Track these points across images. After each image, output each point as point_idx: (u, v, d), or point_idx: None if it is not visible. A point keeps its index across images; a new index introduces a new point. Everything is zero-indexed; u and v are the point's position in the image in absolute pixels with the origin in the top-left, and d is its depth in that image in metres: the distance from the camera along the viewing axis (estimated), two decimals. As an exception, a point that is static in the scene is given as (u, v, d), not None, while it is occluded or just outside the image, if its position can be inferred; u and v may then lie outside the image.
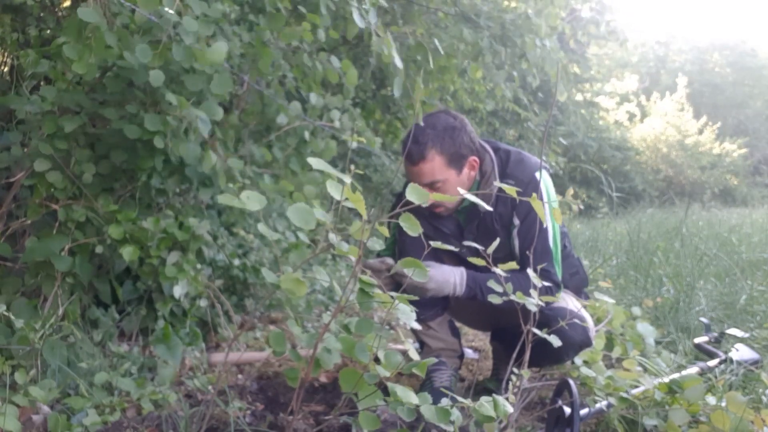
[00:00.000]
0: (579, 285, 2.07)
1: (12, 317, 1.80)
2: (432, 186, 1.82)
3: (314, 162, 1.20)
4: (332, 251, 1.24)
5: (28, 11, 2.64)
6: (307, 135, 3.20)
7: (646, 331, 2.27)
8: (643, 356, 2.13)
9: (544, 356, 1.77)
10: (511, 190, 1.33)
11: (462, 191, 1.29)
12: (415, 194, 1.21)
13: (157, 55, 1.95)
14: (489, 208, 1.48)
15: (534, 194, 1.38)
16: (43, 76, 2.42)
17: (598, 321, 2.25)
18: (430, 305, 1.96)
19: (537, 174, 1.83)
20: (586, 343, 1.85)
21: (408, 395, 1.24)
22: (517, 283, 1.64)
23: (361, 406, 1.29)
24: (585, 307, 2.00)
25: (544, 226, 1.83)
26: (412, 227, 1.20)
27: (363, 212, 1.20)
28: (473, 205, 1.88)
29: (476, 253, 1.50)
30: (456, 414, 1.26)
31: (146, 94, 2.18)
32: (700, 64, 23.16)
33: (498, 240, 1.56)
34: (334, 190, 1.17)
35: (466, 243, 1.56)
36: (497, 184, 1.44)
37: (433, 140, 1.78)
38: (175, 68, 2.06)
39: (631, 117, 16.32)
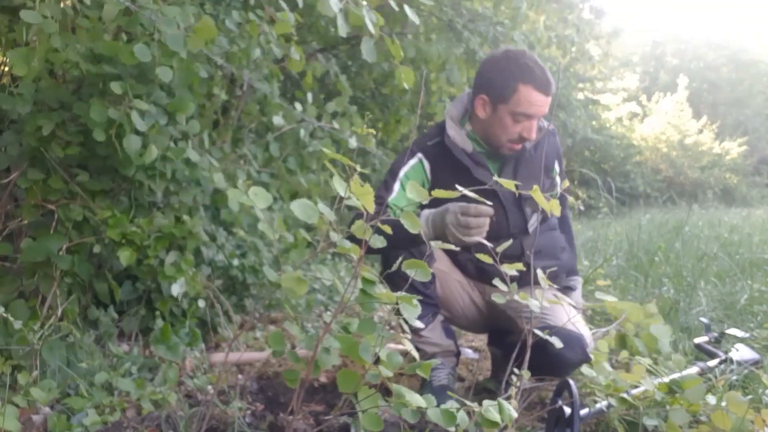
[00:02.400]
0: (570, 261, 2.06)
1: (10, 318, 1.80)
2: (539, 117, 1.86)
3: (327, 152, 1.19)
4: (333, 250, 1.23)
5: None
6: (303, 134, 3.20)
7: (660, 332, 2.23)
8: (655, 359, 2.11)
9: (540, 372, 1.79)
10: None
11: (460, 188, 1.27)
12: (415, 193, 1.21)
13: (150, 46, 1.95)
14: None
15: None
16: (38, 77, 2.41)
17: (616, 319, 2.24)
18: (421, 314, 1.93)
19: None
20: (584, 360, 1.84)
21: (413, 397, 1.23)
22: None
23: (360, 408, 1.28)
24: (584, 311, 2.00)
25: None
26: (413, 225, 1.19)
27: (370, 207, 1.19)
28: (514, 156, 1.92)
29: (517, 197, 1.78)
30: (463, 417, 1.25)
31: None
32: (698, 63, 23.16)
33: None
34: (339, 186, 1.17)
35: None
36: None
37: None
38: (148, 64, 2.05)
39: (634, 116, 16.31)
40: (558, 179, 2.04)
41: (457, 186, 1.24)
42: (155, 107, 2.13)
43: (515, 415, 1.27)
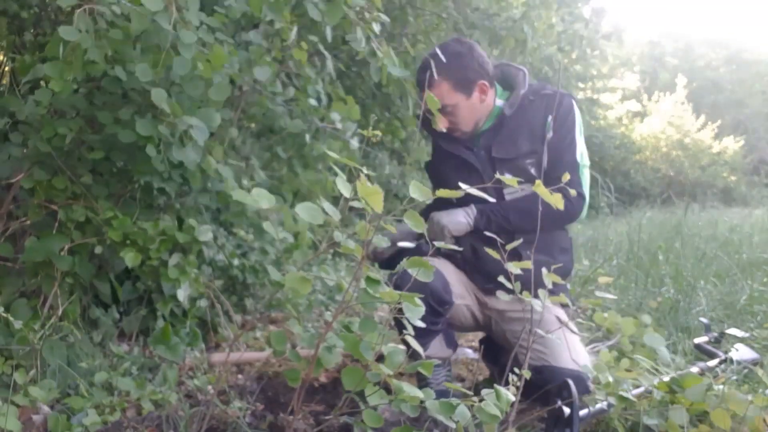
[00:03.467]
0: (567, 265, 1.99)
1: (11, 318, 1.80)
2: (443, 111, 1.88)
3: (331, 154, 1.20)
4: (336, 249, 1.24)
5: (24, 16, 2.65)
6: (308, 138, 3.19)
7: (655, 341, 2.20)
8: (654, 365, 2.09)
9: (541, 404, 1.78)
10: None
11: (464, 186, 1.26)
12: (418, 192, 1.21)
13: (159, 67, 1.96)
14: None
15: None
16: (41, 79, 2.41)
17: (608, 331, 2.22)
18: (423, 343, 1.80)
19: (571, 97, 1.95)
20: (586, 393, 1.81)
21: (414, 391, 1.23)
22: (528, 200, 1.84)
23: (369, 402, 1.28)
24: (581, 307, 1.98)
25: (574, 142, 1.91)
26: (417, 224, 1.20)
27: (379, 206, 1.19)
28: (495, 124, 1.93)
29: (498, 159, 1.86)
30: (464, 413, 1.25)
31: (142, 97, 2.17)
32: (698, 62, 23.16)
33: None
34: (343, 188, 1.17)
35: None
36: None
37: (438, 67, 1.85)
38: (174, 74, 2.06)
39: (635, 115, 16.31)
40: (545, 146, 1.91)
41: (460, 184, 1.26)
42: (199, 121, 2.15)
43: (512, 398, 1.27)
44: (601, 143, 13.39)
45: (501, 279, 1.52)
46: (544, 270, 1.52)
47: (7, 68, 2.75)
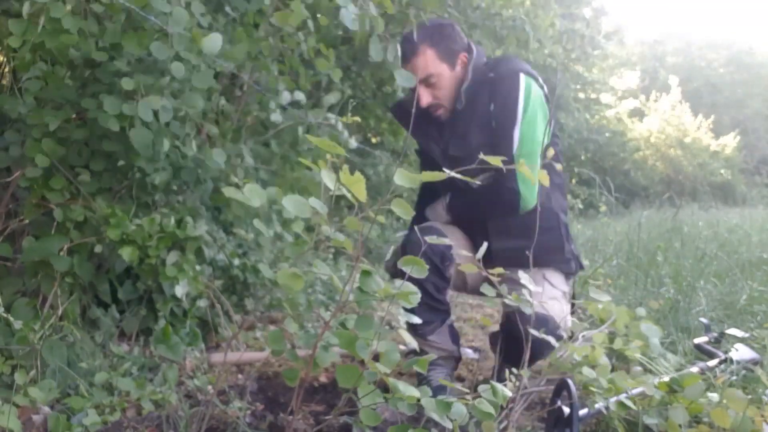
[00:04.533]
0: (554, 242, 1.95)
1: (11, 318, 1.80)
2: (427, 81, 1.89)
3: (312, 138, 1.18)
4: (333, 248, 1.23)
5: (26, 15, 2.64)
6: (300, 131, 3.18)
7: (650, 331, 2.21)
8: (647, 357, 2.10)
9: (515, 359, 1.77)
10: None
11: (448, 171, 1.24)
12: (404, 179, 1.19)
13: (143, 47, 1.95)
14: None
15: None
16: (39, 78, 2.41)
17: (601, 322, 2.22)
18: (428, 320, 1.90)
19: (521, 73, 1.85)
20: (556, 337, 1.78)
21: (409, 390, 1.23)
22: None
23: (362, 403, 1.28)
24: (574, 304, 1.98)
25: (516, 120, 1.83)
26: (404, 212, 1.19)
27: (362, 195, 1.18)
28: (452, 117, 1.95)
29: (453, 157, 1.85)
30: (461, 410, 1.24)
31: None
32: (698, 62, 23.15)
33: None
34: (328, 179, 1.16)
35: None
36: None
37: (423, 36, 1.89)
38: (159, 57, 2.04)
39: (635, 113, 16.30)
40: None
41: (445, 170, 1.21)
42: (170, 101, 2.11)
43: (509, 394, 1.27)
44: (601, 142, 13.40)
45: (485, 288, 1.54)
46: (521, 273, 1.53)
47: (7, 69, 2.75)
